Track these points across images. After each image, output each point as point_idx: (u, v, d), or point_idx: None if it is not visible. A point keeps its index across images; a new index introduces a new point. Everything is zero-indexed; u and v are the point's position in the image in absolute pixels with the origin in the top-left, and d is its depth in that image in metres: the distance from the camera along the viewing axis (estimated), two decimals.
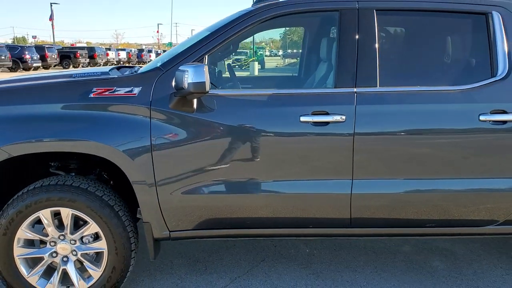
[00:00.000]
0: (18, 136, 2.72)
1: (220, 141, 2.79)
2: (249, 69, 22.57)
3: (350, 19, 2.90)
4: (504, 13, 2.95)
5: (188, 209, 2.87)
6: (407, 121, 2.85)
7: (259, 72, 19.10)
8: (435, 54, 3.12)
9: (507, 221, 3.00)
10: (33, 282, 2.90)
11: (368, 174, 2.87)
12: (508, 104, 2.83)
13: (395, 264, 3.61)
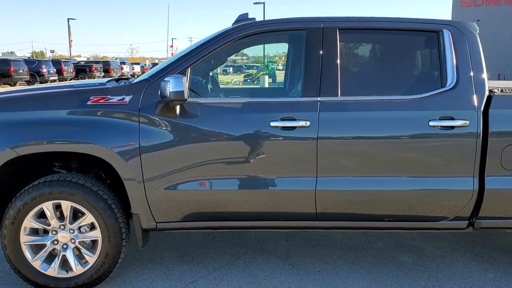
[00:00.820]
0: (24, 138, 3.16)
1: (200, 143, 3.20)
2: (259, 82, 22.99)
3: (315, 37, 3.30)
4: (453, 31, 3.33)
5: (171, 203, 3.27)
6: (364, 127, 3.22)
7: (269, 84, 19.52)
8: (391, 67, 3.52)
9: (457, 217, 3.34)
10: (37, 266, 3.30)
11: (330, 173, 3.24)
12: (456, 111, 3.19)
13: (365, 258, 3.95)
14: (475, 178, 3.24)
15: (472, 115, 3.18)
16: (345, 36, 3.36)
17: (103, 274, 3.35)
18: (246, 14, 3.57)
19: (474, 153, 3.19)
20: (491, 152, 3.21)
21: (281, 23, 3.46)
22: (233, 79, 25.39)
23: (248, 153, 3.23)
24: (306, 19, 3.39)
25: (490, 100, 3.23)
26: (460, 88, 3.22)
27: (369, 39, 3.58)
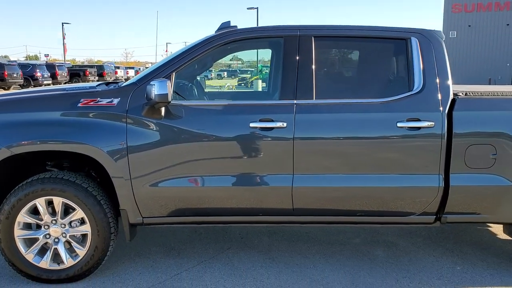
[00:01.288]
0: (19, 138, 3.36)
1: (183, 143, 3.41)
2: (253, 86, 23.24)
3: (292, 44, 3.54)
4: (420, 39, 3.58)
5: (156, 199, 3.49)
6: (337, 127, 3.46)
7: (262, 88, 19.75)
8: (363, 72, 3.76)
9: (424, 213, 3.58)
10: (30, 259, 3.50)
11: (306, 171, 3.47)
12: (422, 113, 3.43)
13: (342, 253, 4.17)
14: (440, 176, 3.48)
15: (437, 117, 3.42)
16: (320, 43, 3.60)
17: (93, 266, 3.55)
18: (228, 22, 3.80)
19: (439, 152, 3.43)
20: (455, 151, 3.44)
21: (260, 31, 3.70)
22: (226, 83, 25.65)
23: (229, 152, 3.46)
24: (283, 27, 3.63)
25: (454, 103, 3.47)
26: (426, 92, 3.46)
27: (342, 46, 3.83)
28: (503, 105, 3.53)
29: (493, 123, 3.46)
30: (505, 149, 3.42)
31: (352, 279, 3.66)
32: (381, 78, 3.79)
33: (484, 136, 3.45)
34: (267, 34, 3.72)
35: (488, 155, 3.44)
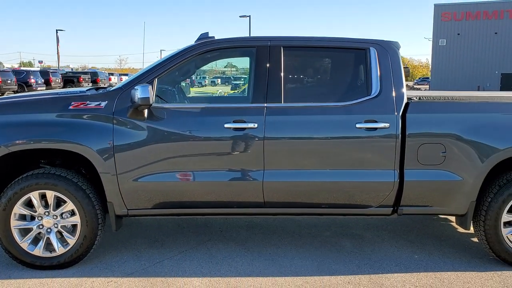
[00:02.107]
0: (15, 137, 3.73)
1: (164, 141, 3.79)
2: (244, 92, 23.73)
3: (263, 53, 3.94)
4: (378, 49, 3.99)
5: (139, 193, 3.85)
6: (303, 128, 3.85)
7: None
8: (326, 78, 4.17)
9: (382, 205, 3.97)
10: (24, 247, 3.86)
11: (275, 167, 3.85)
12: (378, 115, 3.83)
13: (312, 244, 4.55)
14: (396, 171, 3.87)
15: (392, 119, 3.82)
16: (288, 52, 4.00)
17: (82, 254, 3.91)
18: (206, 33, 4.20)
19: (394, 150, 3.83)
20: (409, 149, 3.85)
21: (235, 41, 4.10)
22: (218, 90, 26.08)
23: (206, 150, 3.84)
24: (255, 38, 4.04)
25: (408, 106, 3.88)
26: (383, 96, 3.87)
27: (308, 55, 4.23)
28: (452, 108, 3.95)
29: (443, 125, 3.86)
30: (453, 147, 3.83)
31: (318, 265, 4.04)
32: (342, 84, 4.19)
33: (435, 136, 3.85)
34: (241, 44, 4.13)
35: (438, 153, 3.84)
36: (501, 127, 3.85)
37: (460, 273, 3.92)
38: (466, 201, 3.92)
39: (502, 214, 3.93)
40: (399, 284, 3.69)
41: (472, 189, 3.89)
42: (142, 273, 3.85)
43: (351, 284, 3.67)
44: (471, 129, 3.82)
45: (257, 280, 3.73)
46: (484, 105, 3.99)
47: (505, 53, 41.14)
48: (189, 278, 3.76)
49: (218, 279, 3.75)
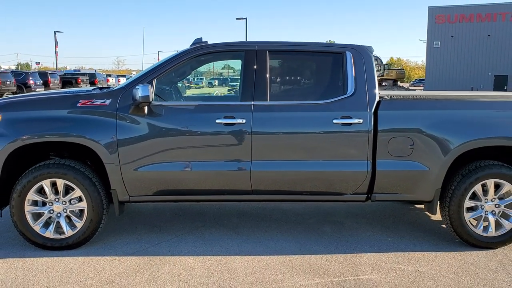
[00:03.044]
0: (29, 131, 4.18)
1: (162, 135, 4.25)
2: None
3: (251, 56, 4.41)
4: (354, 53, 4.46)
5: (140, 181, 4.31)
6: (286, 123, 4.32)
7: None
8: (307, 79, 4.64)
9: (357, 192, 4.44)
10: (37, 230, 4.31)
11: (261, 158, 4.32)
12: (353, 112, 4.30)
13: (297, 229, 5.02)
14: (369, 162, 4.34)
15: (365, 115, 4.30)
16: (273, 55, 4.47)
17: (88, 236, 4.37)
18: (200, 38, 4.66)
19: (367, 143, 4.30)
20: (380, 142, 4.32)
21: (226, 45, 4.57)
22: (215, 91, 26.57)
23: (199, 143, 4.30)
24: (244, 43, 4.52)
25: (379, 104, 4.35)
26: (357, 95, 4.34)
27: (291, 58, 4.70)
28: (418, 106, 4.42)
29: (410, 120, 4.33)
30: (420, 141, 4.30)
31: (300, 246, 4.50)
32: (321, 84, 4.66)
33: (404, 131, 4.32)
34: (231, 49, 4.60)
35: (406, 145, 4.31)
36: (462, 123, 4.32)
37: (427, 253, 4.39)
38: (432, 189, 4.40)
39: (464, 201, 4.40)
40: (371, 261, 4.16)
41: (437, 178, 4.36)
42: (142, 253, 4.31)
43: (328, 261, 4.14)
44: (435, 124, 4.29)
45: (245, 258, 4.19)
46: (447, 103, 4.46)
47: (498, 55, 41.75)
48: (184, 257, 4.22)
49: (210, 257, 4.21)
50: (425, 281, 3.76)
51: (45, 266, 3.99)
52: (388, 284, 3.71)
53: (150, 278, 3.77)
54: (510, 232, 4.47)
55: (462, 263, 4.14)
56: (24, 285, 3.63)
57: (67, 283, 3.68)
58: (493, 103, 4.49)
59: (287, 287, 3.63)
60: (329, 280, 3.76)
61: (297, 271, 3.92)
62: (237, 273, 3.89)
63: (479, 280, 3.81)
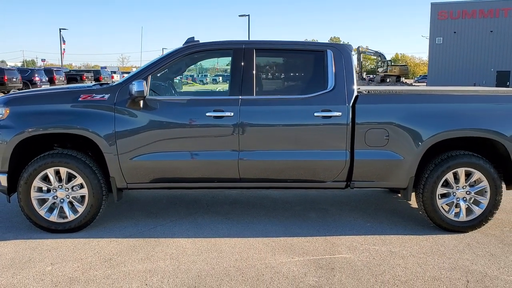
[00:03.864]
0: (35, 123, 4.57)
1: (156, 127, 4.62)
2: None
3: (239, 54, 4.77)
4: (334, 51, 4.81)
5: (137, 169, 4.68)
6: (271, 116, 4.67)
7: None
8: (291, 75, 5.00)
9: (337, 180, 4.79)
10: (42, 214, 4.70)
11: (248, 148, 4.67)
12: (332, 106, 4.65)
13: (284, 215, 5.39)
14: (347, 152, 4.70)
15: (344, 109, 4.65)
16: (259, 53, 4.83)
17: (89, 220, 4.76)
18: (193, 37, 5.02)
19: (345, 134, 4.65)
20: (358, 133, 4.67)
21: (216, 44, 4.94)
22: (217, 87, 27.12)
23: (191, 134, 4.67)
24: (233, 41, 4.87)
25: (357, 98, 4.70)
26: (337, 90, 4.69)
27: (276, 56, 5.07)
28: (393, 100, 4.78)
29: (385, 113, 4.68)
30: (394, 132, 4.65)
31: (285, 230, 4.87)
32: (304, 79, 5.02)
33: (379, 123, 4.67)
34: (221, 47, 4.96)
35: (382, 136, 4.66)
36: (433, 116, 4.66)
37: (402, 236, 4.75)
38: (406, 177, 4.75)
39: (437, 188, 4.75)
40: (348, 242, 4.52)
41: (411, 166, 4.71)
42: (139, 235, 4.69)
43: (308, 242, 4.51)
44: (408, 117, 4.64)
45: (232, 240, 4.57)
46: (419, 98, 4.81)
47: (501, 51, 41.87)
48: (177, 239, 4.60)
49: (200, 239, 4.59)
50: (395, 260, 4.12)
51: (50, 246, 4.37)
52: (360, 262, 4.07)
53: (144, 256, 4.15)
54: (480, 217, 4.81)
55: (432, 245, 4.49)
56: (30, 262, 4.01)
57: (69, 260, 4.06)
58: (462, 97, 4.84)
59: (268, 264, 4.00)
60: (307, 258, 4.13)
61: (279, 251, 4.29)
62: (225, 252, 4.26)
63: (445, 259, 4.16)
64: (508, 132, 4.68)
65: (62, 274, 3.78)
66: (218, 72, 18.29)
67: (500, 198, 4.81)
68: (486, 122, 4.68)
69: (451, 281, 3.72)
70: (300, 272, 3.85)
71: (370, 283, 3.66)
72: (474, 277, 3.80)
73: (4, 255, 4.17)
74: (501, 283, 3.70)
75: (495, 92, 5.00)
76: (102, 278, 3.72)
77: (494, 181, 4.73)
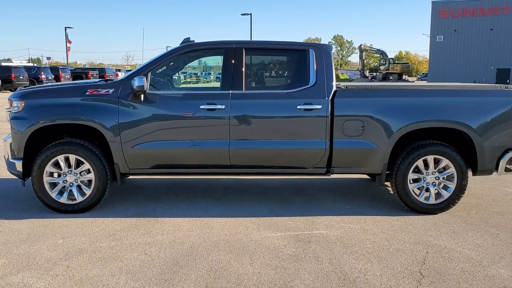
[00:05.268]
0: (47, 115, 5.11)
1: (156, 119, 5.16)
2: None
3: (229, 53, 5.30)
4: (315, 50, 5.34)
5: (138, 156, 5.23)
6: (258, 109, 5.21)
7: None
8: (277, 72, 5.53)
9: (318, 166, 5.33)
10: (53, 196, 5.25)
11: (238, 137, 5.21)
12: (314, 99, 5.18)
13: (271, 199, 5.92)
14: (327, 141, 5.22)
15: (323, 102, 5.17)
16: (248, 52, 5.37)
17: (95, 202, 5.31)
18: (188, 38, 5.56)
19: (325, 125, 5.18)
20: (336, 124, 5.19)
21: (209, 44, 5.48)
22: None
23: (187, 125, 5.21)
24: (224, 42, 5.40)
25: (336, 93, 5.23)
26: (317, 85, 5.22)
27: (264, 54, 5.61)
28: (368, 94, 5.30)
29: (361, 107, 5.20)
30: (369, 123, 5.17)
31: (270, 211, 5.41)
32: (288, 76, 5.56)
33: (355, 115, 5.19)
34: (213, 47, 5.51)
35: (358, 127, 5.19)
36: (404, 108, 5.18)
37: (375, 216, 5.28)
38: (380, 163, 5.28)
39: (408, 173, 5.27)
40: (326, 221, 5.06)
41: (384, 154, 5.23)
42: (140, 216, 5.24)
43: (291, 221, 5.05)
44: (381, 109, 5.16)
45: (224, 219, 5.11)
46: (391, 92, 5.34)
47: (501, 49, 42.21)
48: (174, 218, 5.14)
49: (195, 218, 5.14)
50: (367, 235, 4.65)
51: (61, 224, 4.93)
52: (335, 236, 4.61)
53: (144, 232, 4.70)
54: (447, 200, 5.33)
55: (402, 224, 5.02)
56: (44, 237, 4.57)
57: (77, 235, 4.62)
58: (430, 92, 5.36)
59: (253, 238, 4.54)
60: (288, 233, 4.67)
61: (264, 228, 4.83)
62: (216, 229, 4.80)
63: (411, 235, 4.69)
64: (473, 123, 5.19)
65: (72, 246, 4.33)
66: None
67: (466, 183, 5.32)
68: (452, 114, 5.20)
69: (412, 252, 4.25)
70: (280, 244, 4.39)
71: (341, 253, 4.20)
72: (433, 249, 4.33)
73: (20, 230, 4.73)
74: (456, 254, 4.23)
75: (461, 87, 5.52)
76: (107, 248, 4.27)
77: (460, 167, 5.25)
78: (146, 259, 4.04)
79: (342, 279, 3.70)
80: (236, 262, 3.98)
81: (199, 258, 4.06)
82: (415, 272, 3.83)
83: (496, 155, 5.30)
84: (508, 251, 4.30)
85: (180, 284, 3.59)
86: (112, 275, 3.73)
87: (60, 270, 3.81)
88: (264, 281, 3.65)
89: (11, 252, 4.18)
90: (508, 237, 4.67)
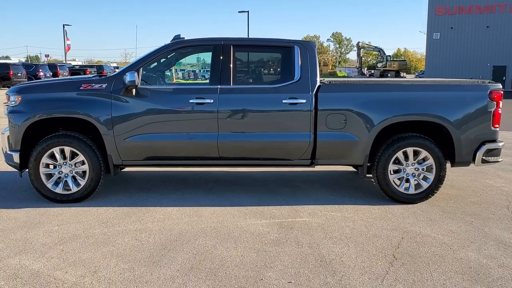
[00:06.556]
0: (43, 109, 5.35)
1: (147, 112, 5.39)
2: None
3: (218, 50, 5.54)
4: (300, 47, 5.58)
5: (130, 149, 5.47)
6: (245, 103, 5.44)
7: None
8: (263, 68, 5.78)
9: (302, 158, 5.57)
10: (49, 187, 5.49)
11: (226, 130, 5.45)
12: (298, 94, 5.41)
13: (260, 191, 6.17)
14: (311, 133, 5.47)
15: (308, 97, 5.41)
16: (236, 49, 5.60)
17: (90, 192, 5.55)
18: (179, 35, 5.80)
19: (309, 118, 5.42)
20: (320, 118, 5.44)
21: (198, 41, 5.71)
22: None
23: (176, 118, 5.45)
24: (212, 39, 5.64)
25: (319, 88, 5.47)
26: (302, 81, 5.46)
27: (251, 51, 5.84)
28: (350, 89, 5.55)
29: (343, 101, 5.44)
30: (351, 117, 5.41)
31: (258, 201, 5.66)
32: (275, 71, 5.80)
33: (338, 109, 5.44)
34: (202, 43, 5.74)
35: (341, 120, 5.43)
36: (383, 102, 5.43)
37: (357, 205, 5.53)
38: (362, 155, 5.52)
39: (389, 164, 5.52)
40: (310, 210, 5.31)
41: (366, 146, 5.48)
42: (132, 205, 5.48)
43: (276, 210, 5.30)
44: (362, 104, 5.40)
45: (212, 208, 5.35)
46: (372, 87, 5.58)
47: (497, 46, 42.41)
48: (165, 207, 5.39)
49: (185, 207, 5.38)
50: (347, 223, 4.90)
51: (56, 213, 5.17)
52: (316, 223, 4.85)
53: (136, 220, 4.94)
54: (426, 190, 5.58)
55: (382, 212, 5.27)
56: (40, 224, 4.81)
57: (72, 222, 4.86)
58: (410, 86, 5.61)
59: (239, 225, 4.79)
60: (273, 221, 4.92)
61: (250, 216, 5.08)
62: (204, 217, 5.05)
63: (389, 222, 4.94)
64: (451, 117, 5.44)
65: (67, 232, 4.58)
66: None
67: (444, 174, 5.57)
68: (430, 108, 5.44)
69: (388, 238, 4.50)
70: (264, 230, 4.64)
71: (320, 238, 4.45)
72: (408, 235, 4.58)
73: (18, 218, 4.97)
74: (429, 239, 4.48)
75: (440, 82, 5.77)
76: (99, 234, 4.52)
77: (438, 159, 5.49)
78: (136, 244, 4.28)
79: (319, 260, 3.94)
80: (221, 246, 4.22)
81: (186, 243, 4.30)
82: (388, 255, 4.07)
83: (473, 147, 5.54)
84: (479, 237, 4.55)
85: (167, 265, 3.84)
86: (104, 257, 3.98)
87: (55, 253, 4.06)
88: (246, 262, 3.90)
89: (8, 237, 4.42)
90: (481, 224, 4.92)
